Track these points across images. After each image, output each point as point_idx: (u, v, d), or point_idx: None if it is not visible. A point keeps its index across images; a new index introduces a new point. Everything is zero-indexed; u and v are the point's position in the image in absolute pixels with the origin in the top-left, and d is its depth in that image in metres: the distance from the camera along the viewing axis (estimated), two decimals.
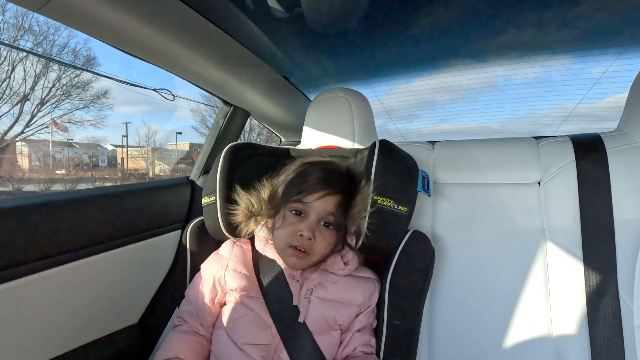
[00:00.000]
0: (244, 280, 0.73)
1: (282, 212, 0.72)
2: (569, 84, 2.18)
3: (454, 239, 0.89)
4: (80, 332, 0.82)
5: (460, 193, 0.91)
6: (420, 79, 2.31)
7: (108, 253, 0.84)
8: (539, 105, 2.96)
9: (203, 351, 0.72)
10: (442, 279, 0.87)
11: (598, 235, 0.76)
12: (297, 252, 0.69)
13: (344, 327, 0.71)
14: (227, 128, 1.24)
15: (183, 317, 0.77)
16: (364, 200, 0.71)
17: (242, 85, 1.15)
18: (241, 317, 0.70)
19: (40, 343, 0.74)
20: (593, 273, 0.75)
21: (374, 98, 2.10)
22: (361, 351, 0.70)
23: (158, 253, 0.99)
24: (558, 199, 0.82)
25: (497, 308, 0.82)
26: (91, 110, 12.25)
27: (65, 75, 10.75)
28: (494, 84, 2.62)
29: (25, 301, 0.69)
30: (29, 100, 10.35)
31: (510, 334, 0.80)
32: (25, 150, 12.89)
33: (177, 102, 13.64)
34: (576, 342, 0.75)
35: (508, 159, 0.89)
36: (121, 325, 0.93)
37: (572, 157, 0.82)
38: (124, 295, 0.91)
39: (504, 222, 0.86)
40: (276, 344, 0.67)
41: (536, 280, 0.81)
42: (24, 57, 10.12)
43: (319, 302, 0.70)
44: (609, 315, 0.72)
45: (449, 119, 3.63)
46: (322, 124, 0.99)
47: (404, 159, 0.79)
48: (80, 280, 0.79)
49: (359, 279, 0.74)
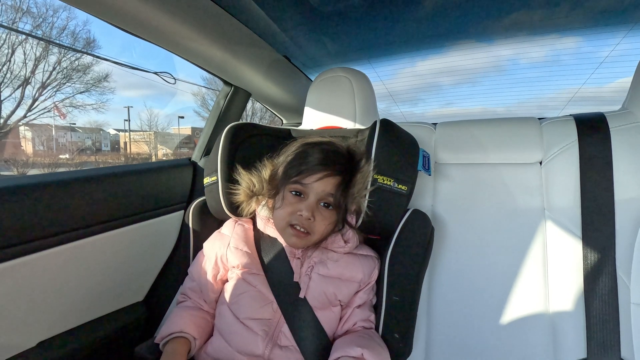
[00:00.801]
0: (245, 258, 0.74)
1: (282, 193, 0.72)
2: (577, 66, 2.13)
3: (453, 219, 0.89)
4: (88, 308, 0.85)
5: (461, 173, 0.91)
6: (425, 60, 2.27)
7: (113, 232, 0.85)
8: (545, 88, 2.91)
9: (207, 326, 0.74)
10: (441, 257, 0.88)
11: (598, 214, 0.76)
12: (297, 232, 0.70)
13: (344, 303, 0.73)
14: (228, 109, 1.23)
15: (187, 293, 0.78)
16: (364, 179, 0.71)
17: (242, 65, 1.14)
18: (243, 293, 0.71)
19: (50, 318, 0.77)
20: (591, 251, 0.75)
21: (378, 80, 2.07)
22: (361, 326, 0.71)
23: (162, 233, 1.00)
24: (559, 178, 0.82)
25: (495, 285, 0.84)
26: (93, 94, 12.19)
27: (65, 58, 10.66)
28: (500, 66, 2.57)
29: (35, 277, 0.71)
30: (30, 84, 10.30)
31: (507, 311, 0.81)
32: (28, 135, 12.92)
33: (178, 85, 13.52)
34: (572, 319, 0.76)
35: (510, 138, 0.88)
36: (127, 302, 0.96)
37: (575, 137, 0.82)
38: (130, 273, 0.93)
39: (504, 201, 0.86)
40: (277, 319, 0.68)
41: (534, 259, 0.82)
42: (24, 40, 10.02)
43: (320, 279, 0.71)
44: (606, 292, 0.73)
45: (453, 102, 3.58)
46: (323, 104, 0.98)
47: (405, 138, 0.78)
48: (87, 259, 0.81)
49: (359, 256, 0.75)
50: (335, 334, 0.71)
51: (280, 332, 0.68)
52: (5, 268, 0.65)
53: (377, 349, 0.65)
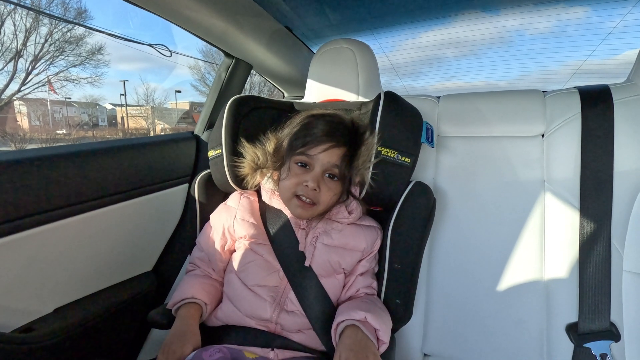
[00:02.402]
0: (252, 229, 0.76)
1: (288, 164, 0.73)
2: (584, 38, 2.09)
3: (455, 191, 0.91)
4: (100, 276, 0.88)
5: (463, 146, 0.92)
6: (428, 32, 2.22)
7: (121, 204, 0.87)
8: (549, 61, 2.85)
9: (216, 293, 0.77)
10: (442, 227, 0.91)
11: (596, 185, 0.77)
12: (302, 203, 0.71)
13: (348, 271, 0.76)
14: (230, 82, 1.22)
15: (195, 262, 0.81)
16: (368, 152, 0.72)
17: (243, 36, 1.11)
18: (251, 261, 0.74)
19: (64, 286, 0.80)
20: (588, 221, 0.78)
21: (381, 53, 2.03)
22: (363, 292, 0.74)
23: (168, 205, 1.02)
24: (560, 150, 0.83)
25: (493, 254, 0.87)
26: (87, 67, 11.88)
27: (57, 30, 10.32)
28: (505, 38, 2.51)
29: (49, 248, 0.73)
30: (22, 57, 10.03)
31: (504, 278, 0.85)
32: (23, 110, 12.71)
33: (175, 59, 13.18)
34: (565, 285, 0.80)
35: (513, 111, 0.88)
36: (138, 271, 0.99)
37: (578, 109, 0.82)
38: (138, 244, 0.96)
39: (505, 174, 0.88)
40: (284, 286, 0.71)
41: (532, 229, 0.84)
42: (13, 10, 9.65)
43: (324, 248, 0.73)
44: (600, 261, 0.76)
45: (455, 75, 3.52)
46: (326, 76, 0.97)
47: (409, 111, 0.79)
48: (97, 230, 0.83)
49: (362, 227, 0.77)
50: (339, 300, 0.74)
51: (286, 298, 0.71)
52: (20, 238, 0.67)
53: (379, 313, 0.68)
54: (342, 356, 0.59)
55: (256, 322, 0.69)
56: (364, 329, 0.63)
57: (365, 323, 0.64)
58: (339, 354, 0.60)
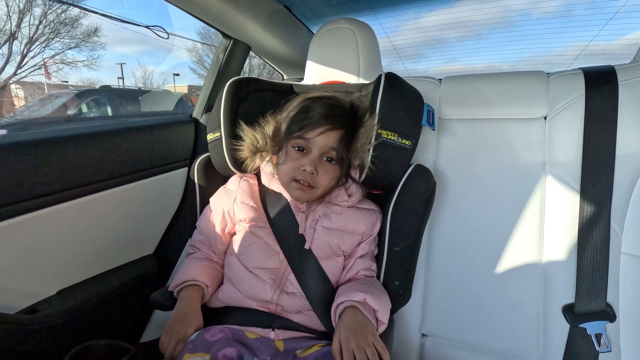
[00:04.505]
0: (251, 212, 0.76)
1: (285, 148, 0.73)
2: (590, 18, 2.04)
3: (455, 174, 0.91)
4: (102, 259, 0.89)
5: (464, 129, 0.91)
6: (431, 12, 2.17)
7: (120, 188, 0.87)
8: (553, 43, 2.80)
9: (217, 275, 0.78)
10: (441, 210, 0.91)
11: (598, 168, 0.77)
12: (301, 186, 0.71)
13: (347, 253, 0.76)
14: (228, 63, 1.20)
15: (196, 245, 0.82)
16: (368, 134, 0.72)
17: (241, 15, 1.09)
18: (251, 244, 0.74)
19: (67, 269, 0.81)
20: (588, 204, 0.78)
21: (383, 35, 1.99)
22: (363, 275, 0.75)
23: (167, 188, 1.02)
24: (563, 133, 0.82)
25: (492, 237, 0.87)
26: (83, 49, 11.67)
27: (51, 11, 10.08)
28: (509, 19, 2.45)
29: (50, 231, 0.74)
30: (17, 39, 9.84)
31: (502, 260, 0.86)
32: (20, 93, 12.56)
33: (173, 41, 12.94)
34: (563, 267, 0.81)
35: (516, 93, 0.87)
36: (139, 254, 1.00)
37: (582, 91, 0.81)
38: (139, 227, 0.96)
39: (506, 157, 0.87)
40: (284, 268, 0.72)
41: (532, 212, 0.84)
42: None
43: (324, 231, 0.74)
44: (599, 243, 0.76)
45: (457, 58, 3.46)
46: (326, 58, 0.95)
47: (410, 93, 0.77)
48: (97, 213, 0.83)
49: (362, 210, 0.78)
50: (338, 282, 0.75)
51: (287, 280, 0.71)
52: (22, 221, 0.67)
53: (378, 294, 0.69)
54: (342, 336, 0.60)
55: (257, 304, 0.70)
56: (363, 310, 0.64)
57: (364, 304, 0.65)
58: (339, 334, 0.61)
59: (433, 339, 0.92)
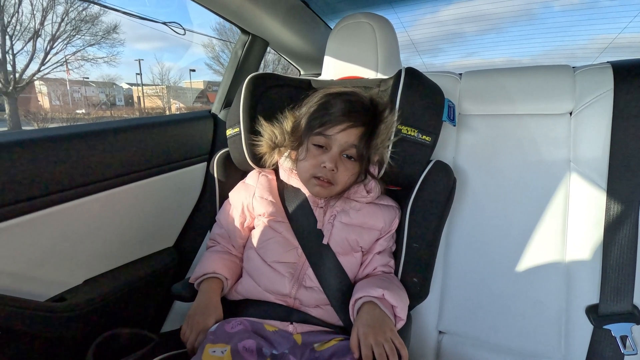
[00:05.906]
0: (270, 207, 0.77)
1: (305, 145, 0.73)
2: (618, 9, 1.96)
3: (475, 170, 0.89)
4: (124, 251, 0.92)
5: (485, 125, 0.90)
6: (449, 6, 2.12)
7: (141, 182, 0.89)
8: (577, 35, 2.70)
9: (236, 268, 0.79)
10: (461, 208, 0.90)
11: (625, 165, 0.74)
12: (321, 182, 0.71)
13: (365, 249, 0.76)
14: (246, 59, 1.20)
15: (216, 239, 0.83)
16: (388, 130, 0.71)
17: (260, 11, 1.09)
18: (270, 238, 0.75)
19: (92, 259, 0.84)
20: (615, 203, 0.75)
21: (401, 29, 1.96)
22: (381, 271, 0.75)
23: (187, 183, 1.04)
24: (589, 129, 0.80)
25: (513, 236, 0.85)
26: (103, 46, 11.96)
27: (72, 8, 10.35)
28: (532, 12, 2.38)
29: (76, 223, 0.77)
30: (40, 36, 10.14)
31: (523, 259, 0.84)
32: (44, 90, 12.97)
33: (190, 37, 13.09)
34: (588, 267, 0.78)
35: (540, 88, 0.85)
36: (159, 247, 1.03)
37: (611, 85, 0.78)
38: (159, 220, 0.99)
39: (529, 154, 0.85)
40: (302, 263, 0.73)
41: (555, 209, 0.82)
42: None
43: (342, 227, 0.74)
44: (625, 242, 0.74)
45: (476, 52, 3.39)
46: (344, 53, 0.95)
47: (430, 88, 0.76)
48: (119, 207, 0.85)
49: (380, 206, 0.77)
50: (356, 278, 0.75)
51: (305, 274, 0.72)
52: (51, 213, 0.70)
53: (396, 290, 0.69)
54: (360, 332, 0.60)
55: (275, 297, 0.71)
56: (381, 306, 0.64)
57: (382, 300, 0.65)
58: (357, 330, 0.61)
59: (450, 337, 0.91)
